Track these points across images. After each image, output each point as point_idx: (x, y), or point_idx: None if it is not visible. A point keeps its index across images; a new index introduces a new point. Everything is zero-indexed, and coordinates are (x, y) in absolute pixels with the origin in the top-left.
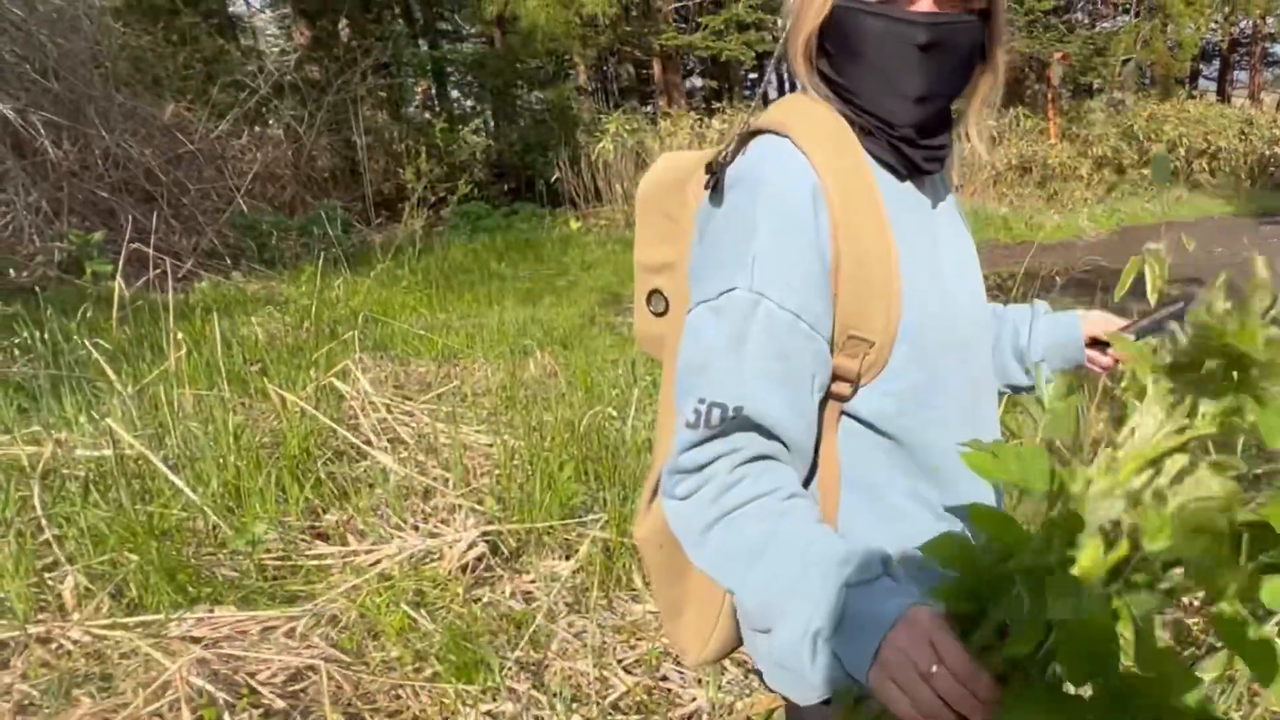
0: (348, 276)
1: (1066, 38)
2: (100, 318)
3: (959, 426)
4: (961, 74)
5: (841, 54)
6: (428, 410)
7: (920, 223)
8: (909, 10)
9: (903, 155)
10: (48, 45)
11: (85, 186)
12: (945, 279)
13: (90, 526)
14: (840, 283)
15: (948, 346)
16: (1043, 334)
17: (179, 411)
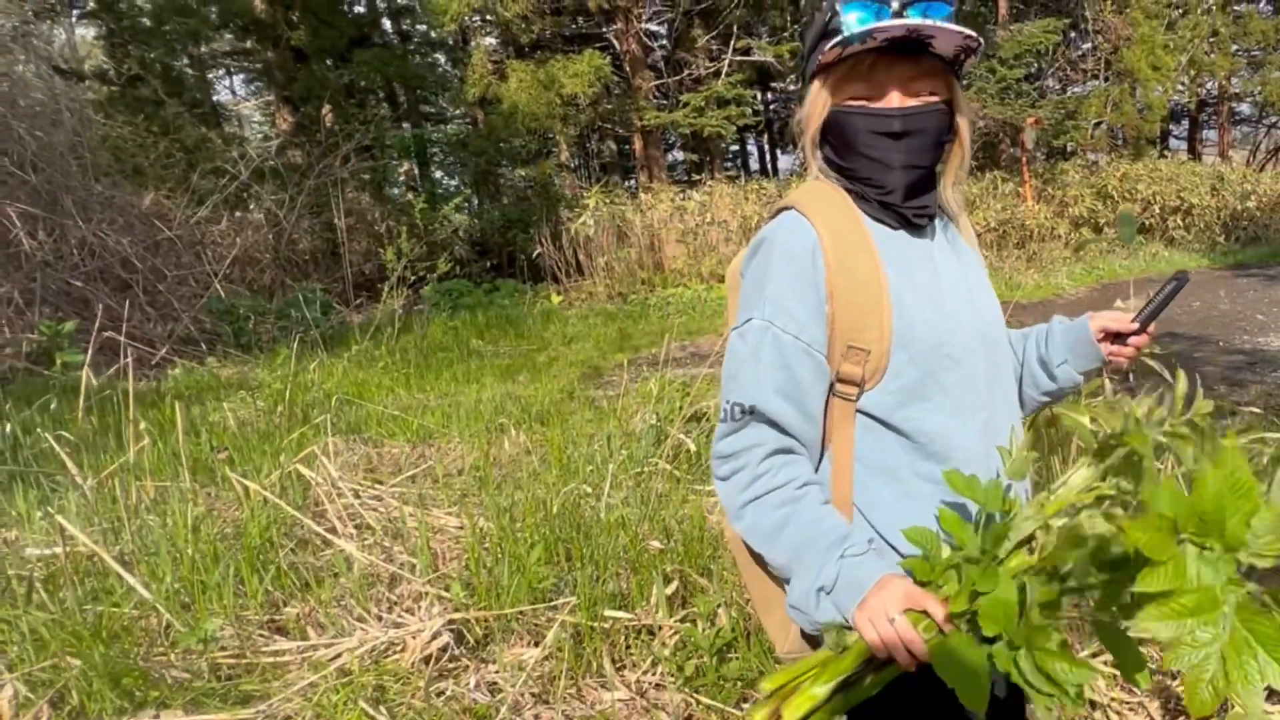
0: (324, 359)
1: (1038, 103)
2: (66, 409)
3: (963, 416)
4: (934, 148)
5: (840, 144)
6: (397, 494)
7: (915, 258)
8: (884, 106)
9: (893, 212)
10: (26, 139)
11: (59, 276)
12: (944, 298)
13: (32, 630)
14: (837, 307)
15: (943, 350)
16: (1059, 340)
17: (138, 504)
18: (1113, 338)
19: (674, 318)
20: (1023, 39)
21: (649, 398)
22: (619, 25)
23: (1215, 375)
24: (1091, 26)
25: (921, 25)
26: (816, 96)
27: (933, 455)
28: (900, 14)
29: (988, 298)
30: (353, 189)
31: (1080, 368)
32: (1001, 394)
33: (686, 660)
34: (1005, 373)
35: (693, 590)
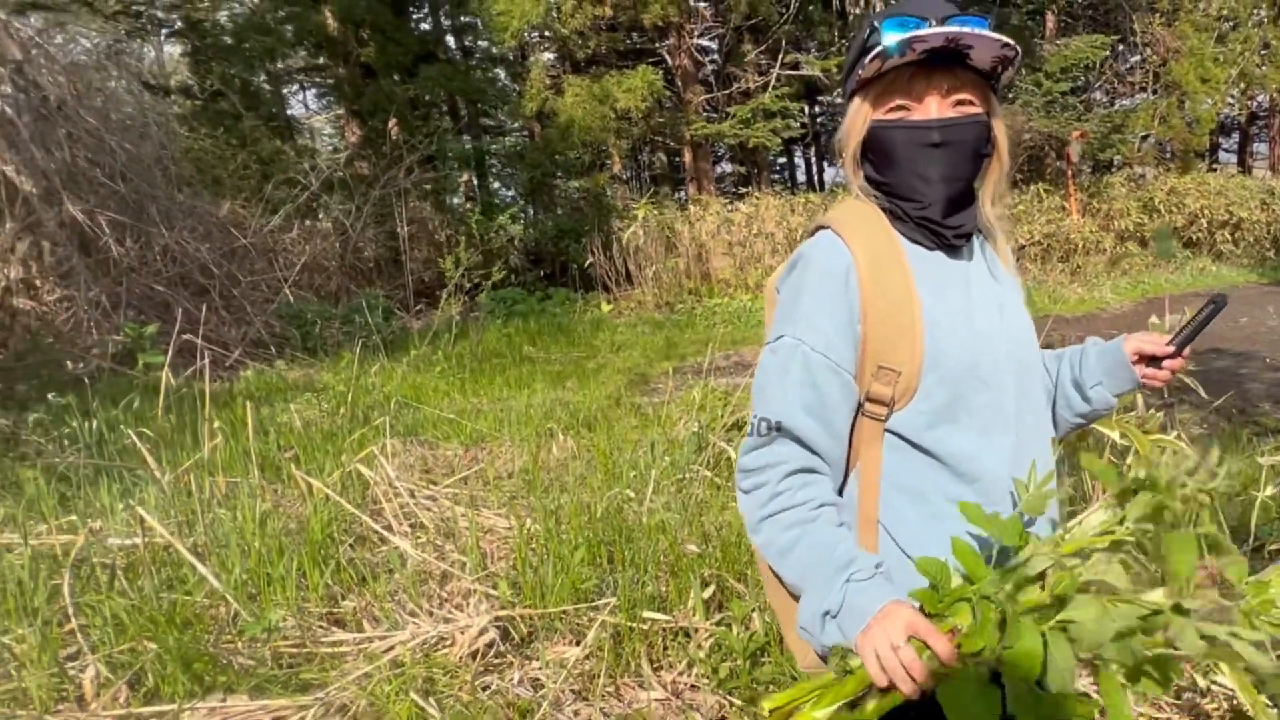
0: (385, 363)
1: (1085, 116)
2: (147, 407)
3: (992, 439)
4: (972, 161)
5: (879, 159)
6: (450, 494)
7: (949, 278)
8: (923, 118)
9: (930, 232)
10: (118, 151)
11: (143, 281)
12: (976, 321)
13: (113, 615)
14: (869, 326)
15: (974, 373)
16: (1094, 363)
17: (211, 499)
18: (1148, 360)
19: (719, 327)
20: (1069, 53)
21: (692, 406)
22: (671, 41)
23: (1260, 393)
24: (1140, 40)
25: (960, 33)
26: (856, 112)
27: (960, 477)
28: (940, 25)
29: (1021, 321)
30: (415, 199)
31: (1115, 391)
32: (1032, 417)
33: (721, 663)
34: (1036, 396)
35: (729, 595)
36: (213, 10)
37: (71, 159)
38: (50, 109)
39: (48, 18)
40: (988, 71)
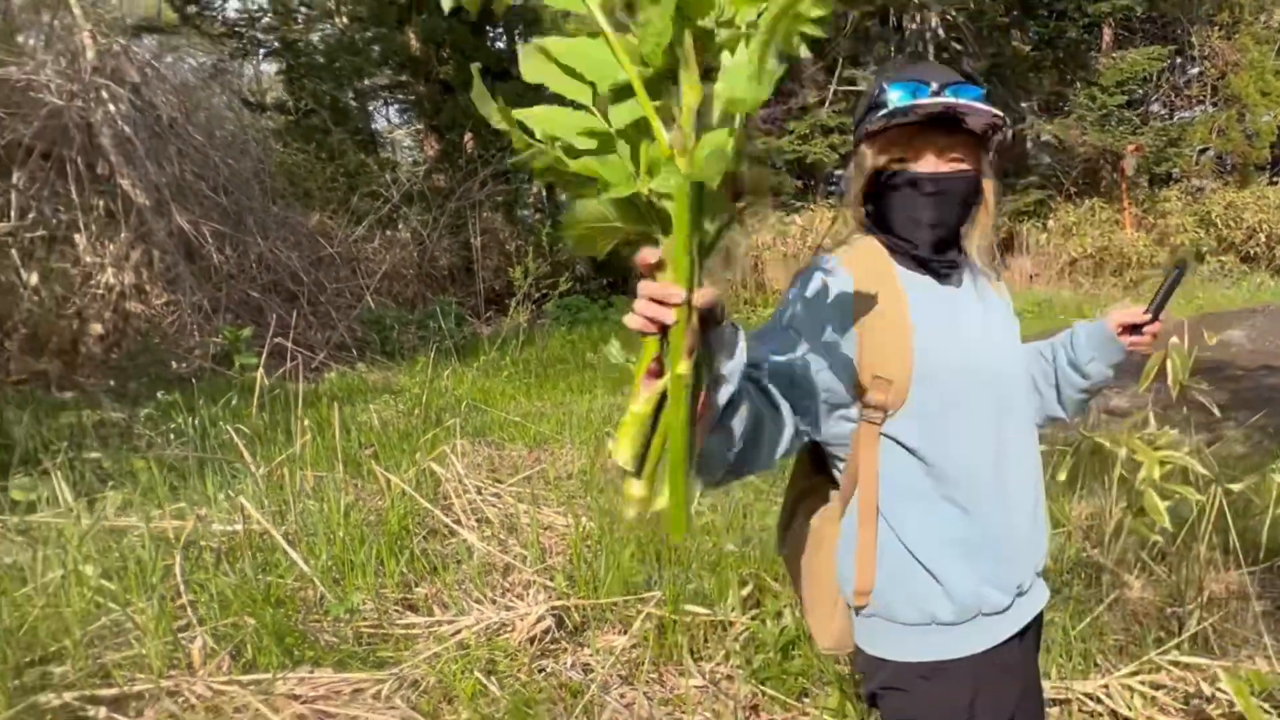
0: (457, 367)
1: (1140, 129)
2: (243, 405)
3: (976, 444)
4: (960, 209)
5: (881, 203)
6: (514, 492)
7: (939, 302)
8: (919, 170)
9: (922, 265)
10: (220, 166)
11: (240, 287)
12: (963, 339)
13: (219, 593)
14: (864, 340)
15: (961, 382)
16: (1084, 342)
17: (300, 491)
18: (1130, 329)
19: None
20: (1125, 66)
21: None
22: None
23: None
24: (1198, 53)
25: (956, 104)
26: (863, 159)
27: (947, 476)
28: (938, 94)
29: (1006, 337)
30: (487, 210)
31: (1107, 362)
32: (1014, 424)
33: (755, 654)
34: (1018, 403)
35: (764, 592)
36: (306, 32)
37: (180, 173)
38: (163, 127)
39: (160, 40)
40: (980, 134)
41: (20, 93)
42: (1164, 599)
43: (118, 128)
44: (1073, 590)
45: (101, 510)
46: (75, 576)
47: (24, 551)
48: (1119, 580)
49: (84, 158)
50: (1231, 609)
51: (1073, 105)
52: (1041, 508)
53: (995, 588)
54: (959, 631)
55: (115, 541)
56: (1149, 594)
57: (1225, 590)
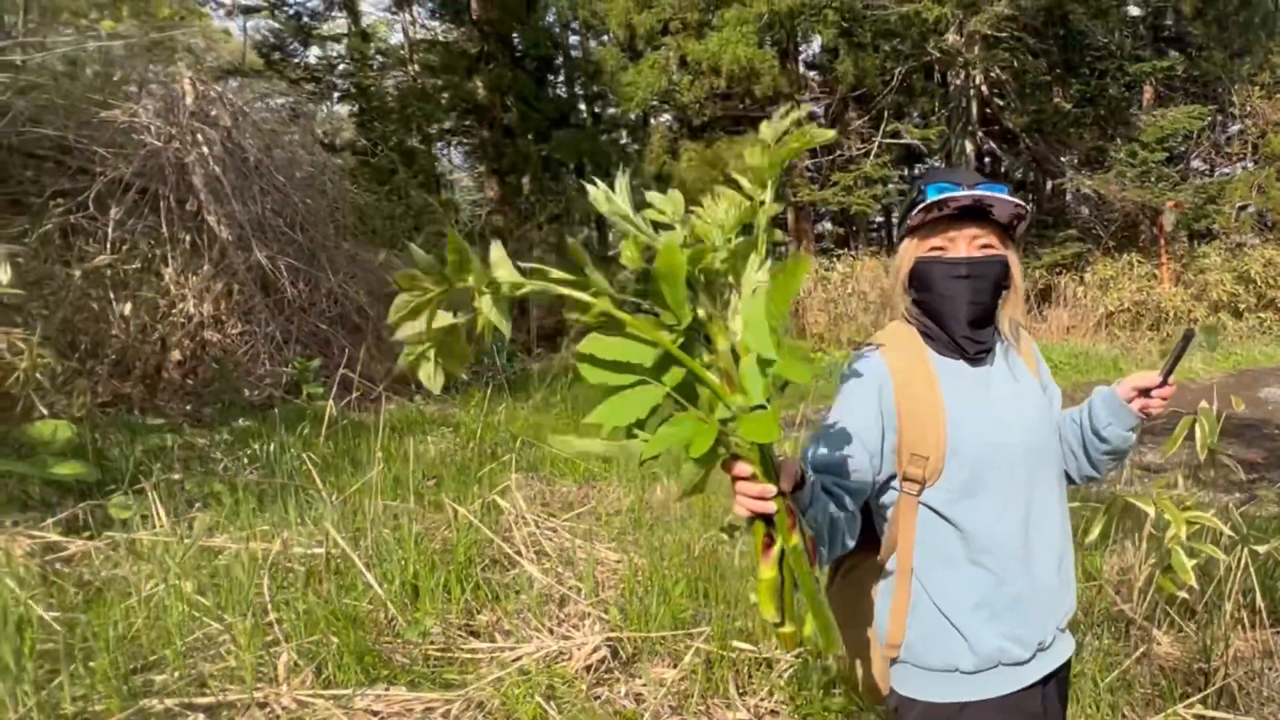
0: (509, 402)
1: (1179, 186)
2: (313, 434)
3: (1005, 513)
4: (993, 291)
5: (921, 285)
6: (568, 527)
7: (972, 382)
8: (955, 256)
9: (957, 346)
10: (298, 204)
11: (310, 320)
12: (994, 415)
13: (306, 611)
14: (903, 422)
15: (989, 459)
16: (1100, 410)
17: (375, 519)
18: (1143, 393)
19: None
20: (1166, 124)
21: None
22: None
23: None
24: (1239, 111)
25: (983, 196)
26: (906, 250)
27: (978, 543)
28: (970, 190)
29: (1039, 410)
30: (541, 250)
31: (1124, 427)
32: (1043, 492)
33: (798, 691)
34: (1050, 473)
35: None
36: (380, 78)
37: (262, 211)
38: (249, 167)
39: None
40: (1006, 224)
41: (123, 134)
42: (1191, 655)
43: (209, 168)
44: (1102, 642)
45: (201, 530)
46: (175, 591)
47: (126, 566)
48: (1147, 635)
49: (175, 194)
50: (1256, 667)
51: (1113, 161)
52: (1069, 567)
53: (1016, 643)
54: (980, 678)
55: (207, 560)
56: (1176, 649)
57: (1251, 649)
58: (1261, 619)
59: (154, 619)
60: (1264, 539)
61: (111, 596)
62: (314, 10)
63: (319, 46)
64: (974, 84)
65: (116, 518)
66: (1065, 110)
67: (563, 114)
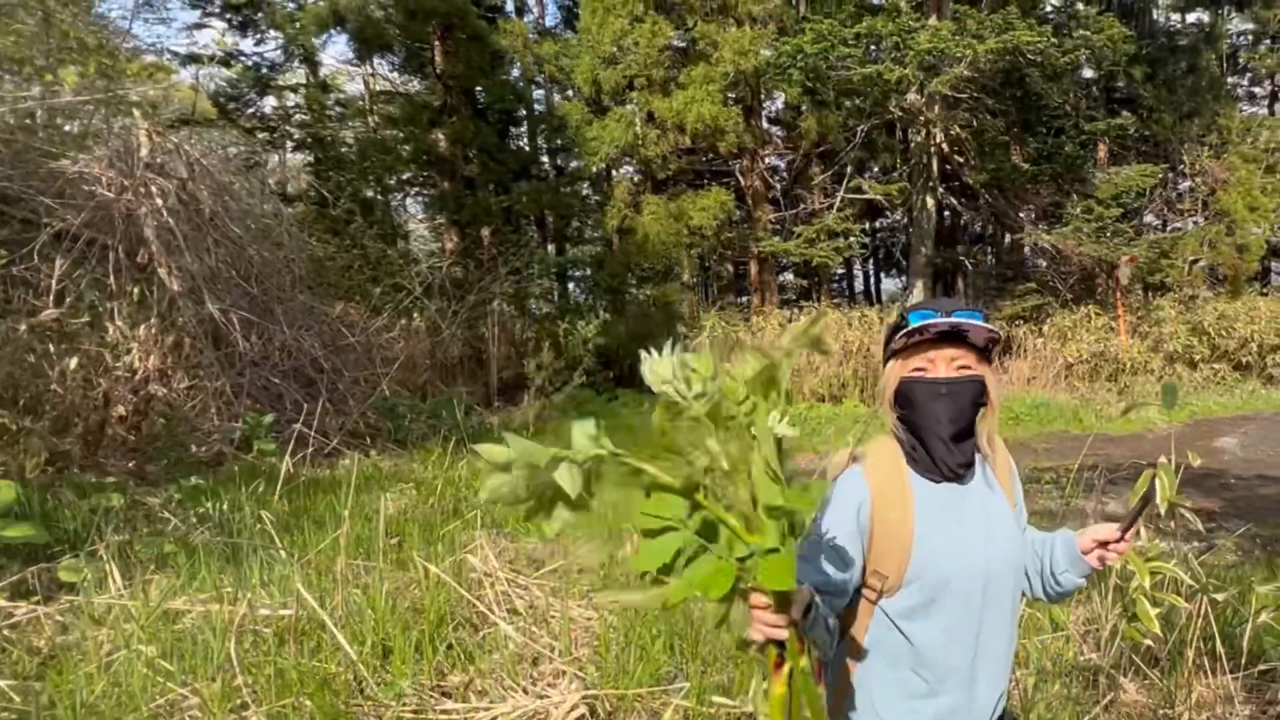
0: (470, 458)
1: (1134, 241)
2: (267, 491)
3: (956, 635)
4: (971, 409)
5: (905, 403)
6: (539, 584)
7: (946, 506)
8: (935, 376)
9: (938, 469)
10: (253, 255)
11: (262, 374)
12: (964, 538)
13: (278, 673)
14: (873, 541)
15: (948, 587)
16: (1060, 556)
17: (344, 579)
18: (1102, 544)
19: None
20: (1120, 181)
21: None
22: (745, 162)
23: None
24: (1189, 169)
25: (959, 322)
26: (891, 371)
27: (920, 658)
28: (947, 317)
29: (1006, 536)
30: (499, 302)
31: (1079, 574)
32: (997, 614)
33: None
34: (1006, 596)
35: None
36: (338, 129)
37: (215, 262)
38: (204, 219)
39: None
40: (982, 346)
41: (72, 184)
42: (1156, 702)
43: (162, 219)
44: (1071, 692)
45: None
46: (137, 656)
47: (78, 632)
48: (1114, 683)
49: (124, 246)
50: (1219, 712)
51: (1069, 216)
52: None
53: None
54: None
55: (167, 623)
56: (1142, 697)
57: (1213, 694)
58: (1222, 665)
59: (114, 684)
60: (1222, 588)
61: (68, 662)
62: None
63: (275, 96)
64: (934, 141)
65: (66, 581)
66: (1023, 167)
67: (525, 166)
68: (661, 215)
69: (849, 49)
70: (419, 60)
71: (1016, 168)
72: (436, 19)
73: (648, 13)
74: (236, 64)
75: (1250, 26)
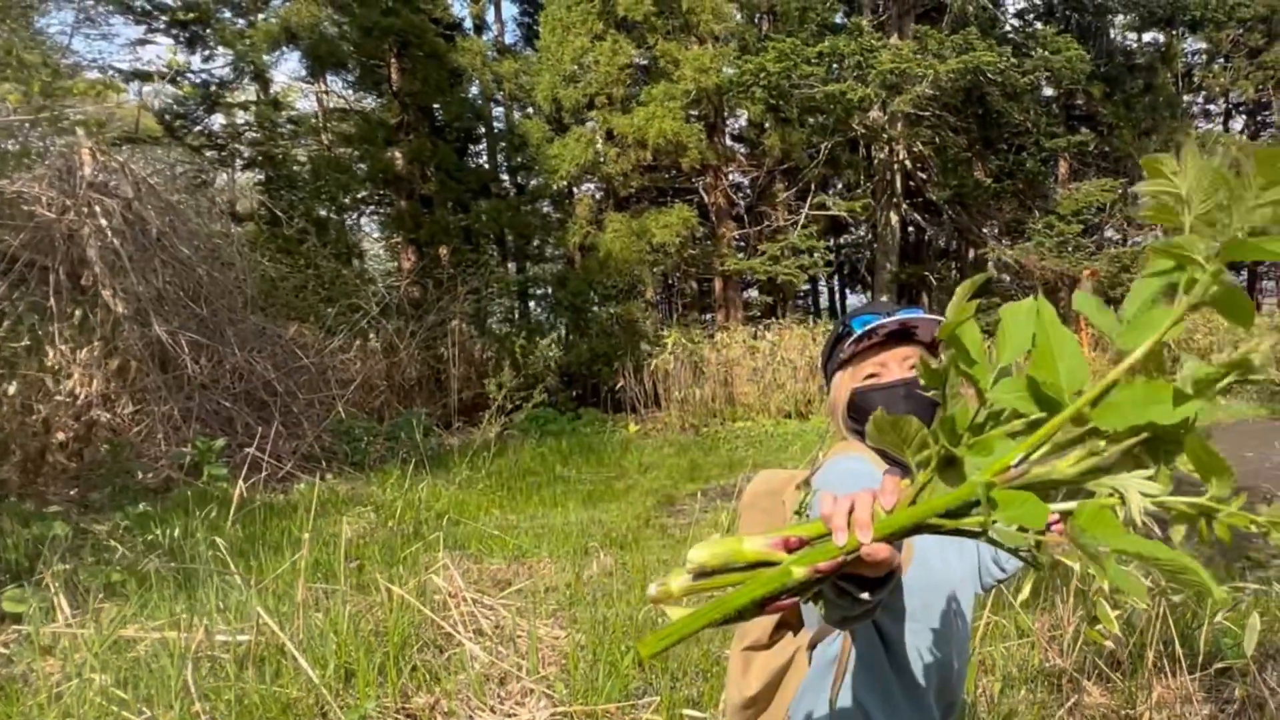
0: (430, 480)
1: (1095, 255)
2: (219, 517)
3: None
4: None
5: (860, 415)
6: (505, 604)
7: None
8: (889, 379)
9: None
10: (202, 276)
11: (213, 397)
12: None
13: (238, 699)
14: None
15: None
16: None
17: (304, 603)
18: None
19: (742, 450)
20: (1080, 196)
21: (721, 529)
22: (708, 179)
23: None
24: None
25: (907, 319)
26: (840, 384)
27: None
28: (890, 316)
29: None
30: (458, 321)
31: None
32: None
33: None
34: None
35: None
36: (291, 147)
37: (162, 283)
38: (150, 240)
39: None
40: (930, 343)
41: (11, 204)
42: (1119, 703)
43: (107, 240)
44: (1037, 696)
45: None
46: (87, 685)
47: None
48: (1078, 686)
49: (66, 267)
50: (1178, 711)
51: (1032, 231)
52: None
53: None
54: None
55: (119, 652)
56: (1105, 699)
57: (1173, 694)
58: (1181, 665)
59: (65, 715)
60: (1180, 590)
61: (14, 694)
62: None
63: (224, 114)
64: (898, 158)
65: (11, 612)
66: (985, 183)
67: (484, 184)
68: (624, 232)
69: (812, 68)
70: (375, 77)
71: (979, 184)
72: (393, 36)
73: (608, 31)
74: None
75: (1204, 46)
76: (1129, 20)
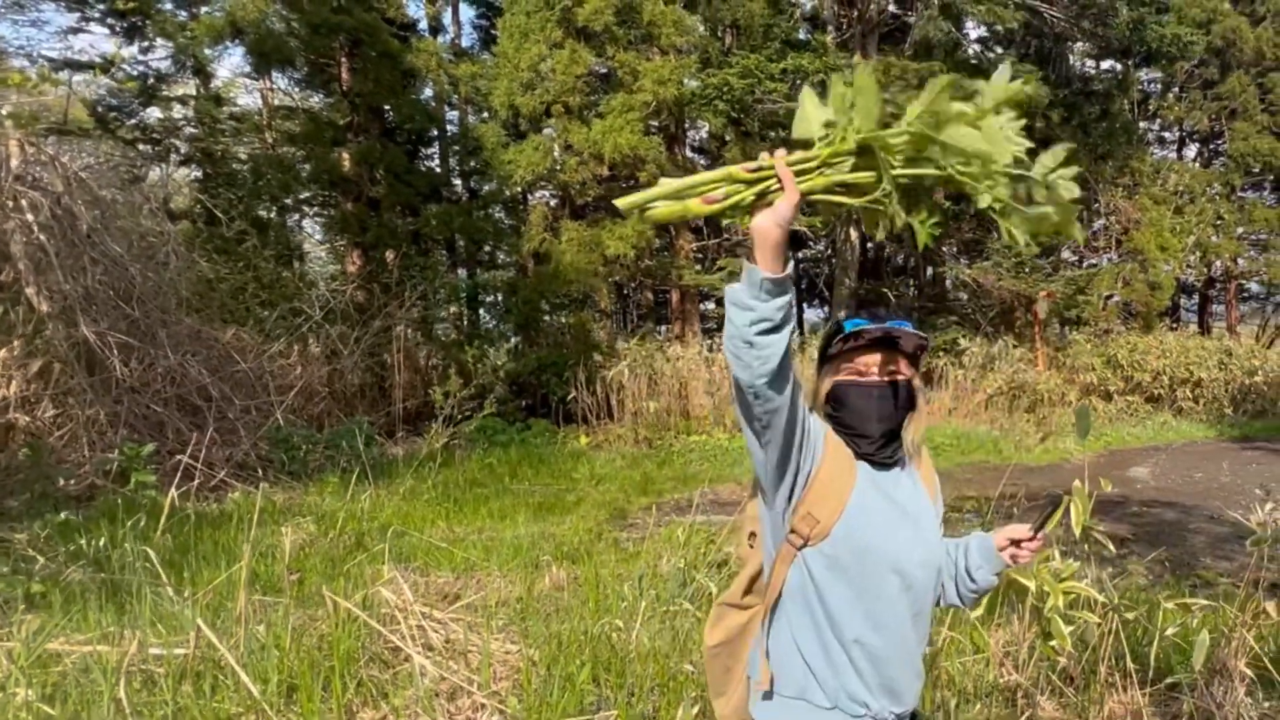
0: (373, 490)
1: (1052, 276)
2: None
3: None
4: (900, 413)
5: (838, 404)
6: (454, 619)
7: (878, 487)
8: (867, 380)
9: (870, 460)
10: (135, 275)
11: (142, 401)
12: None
13: (174, 714)
14: (815, 481)
15: (869, 554)
16: (975, 554)
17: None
18: (1015, 544)
19: (696, 464)
20: None
21: (676, 544)
22: None
23: (1203, 546)
24: (1104, 209)
25: (891, 329)
26: (825, 375)
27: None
28: (881, 324)
29: (927, 532)
30: (404, 327)
31: (993, 570)
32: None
33: None
34: (921, 581)
35: (710, 714)
36: (232, 144)
37: (91, 282)
38: (80, 236)
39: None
40: (912, 353)
41: None
42: (1072, 717)
43: (33, 235)
44: (992, 711)
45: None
46: (10, 699)
47: None
48: (1033, 701)
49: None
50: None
51: (990, 251)
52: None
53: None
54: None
55: (44, 667)
56: (1059, 713)
57: (1124, 708)
58: (1132, 680)
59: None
60: (1133, 606)
61: None
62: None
63: (161, 107)
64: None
65: None
66: (944, 203)
67: (435, 188)
68: (579, 242)
69: (775, 84)
70: (324, 76)
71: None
72: (343, 34)
73: (567, 39)
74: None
75: (1159, 75)
76: (1087, 48)
